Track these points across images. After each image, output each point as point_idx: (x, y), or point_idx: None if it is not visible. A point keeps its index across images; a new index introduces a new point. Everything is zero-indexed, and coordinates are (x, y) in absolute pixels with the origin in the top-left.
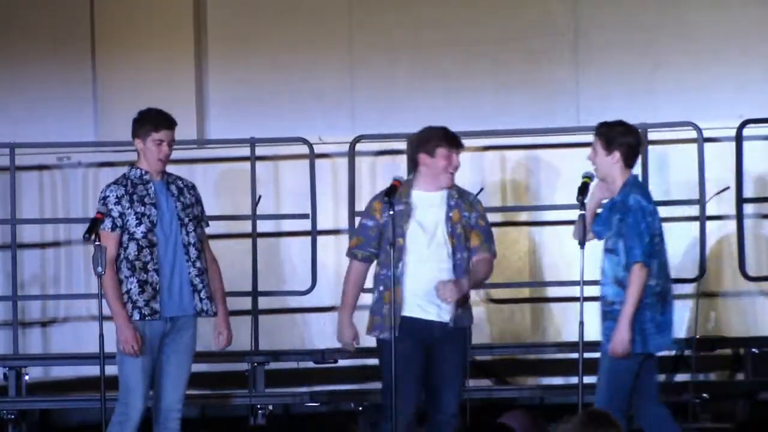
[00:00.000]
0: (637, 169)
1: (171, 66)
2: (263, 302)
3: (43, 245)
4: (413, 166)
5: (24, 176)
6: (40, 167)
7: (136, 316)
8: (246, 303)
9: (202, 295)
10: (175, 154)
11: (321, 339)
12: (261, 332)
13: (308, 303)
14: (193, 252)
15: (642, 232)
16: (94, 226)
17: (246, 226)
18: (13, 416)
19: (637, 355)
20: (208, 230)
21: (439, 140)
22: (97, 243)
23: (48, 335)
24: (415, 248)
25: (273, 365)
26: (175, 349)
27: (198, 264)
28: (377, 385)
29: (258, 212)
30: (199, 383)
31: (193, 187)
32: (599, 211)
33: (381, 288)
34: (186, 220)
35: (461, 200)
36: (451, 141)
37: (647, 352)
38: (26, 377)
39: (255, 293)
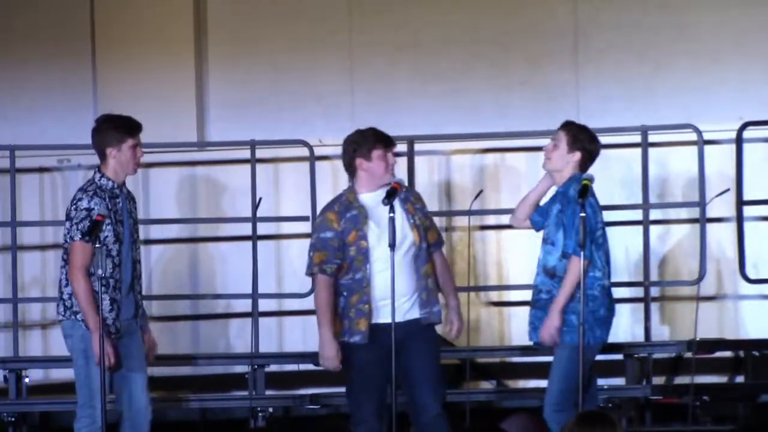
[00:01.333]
0: (637, 172)
1: (171, 68)
2: (263, 304)
3: (43, 247)
4: (351, 172)
5: (24, 178)
6: (41, 169)
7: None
8: (246, 305)
9: (141, 311)
10: (176, 157)
11: None
12: (261, 334)
13: (308, 305)
14: (139, 269)
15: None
16: (94, 229)
17: (246, 229)
18: (13, 418)
19: (591, 346)
20: (208, 232)
21: (373, 143)
22: (97, 245)
23: (48, 337)
24: (379, 246)
25: (273, 367)
26: (132, 356)
27: (141, 281)
28: None
29: (258, 214)
30: (200, 386)
31: (136, 201)
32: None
33: (345, 293)
34: (135, 236)
35: (409, 194)
36: (385, 141)
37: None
38: (26, 379)
39: (255, 295)
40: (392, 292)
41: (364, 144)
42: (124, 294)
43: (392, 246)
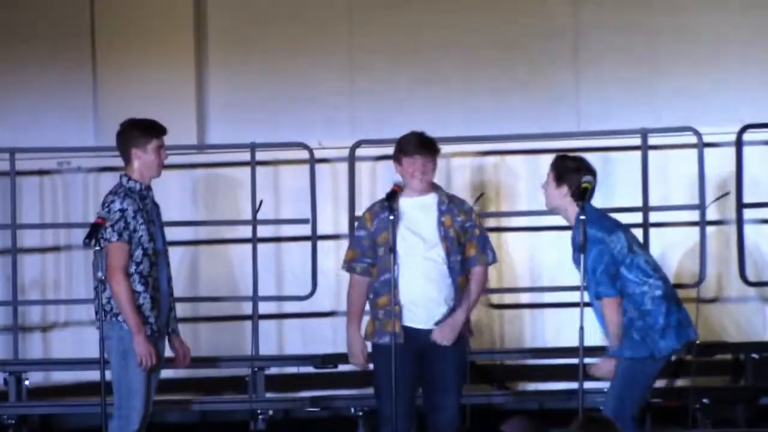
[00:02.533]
0: (637, 174)
1: (171, 71)
2: (263, 307)
3: (43, 250)
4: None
5: (24, 181)
6: (41, 172)
7: (148, 332)
8: (246, 308)
9: (173, 314)
10: (175, 159)
11: (321, 344)
12: (261, 337)
13: (308, 308)
14: (170, 270)
15: (599, 268)
16: (94, 231)
17: (246, 231)
18: (13, 421)
19: (646, 359)
20: (210, 235)
21: (401, 149)
22: (97, 248)
23: (48, 340)
24: (406, 252)
25: (273, 370)
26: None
27: (172, 282)
28: None
29: (258, 217)
30: (200, 388)
31: (158, 204)
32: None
33: (372, 295)
34: (165, 239)
35: (453, 206)
36: (414, 148)
37: (655, 356)
38: (26, 382)
39: (255, 298)
40: (392, 294)
41: (398, 150)
42: (162, 293)
43: (392, 249)
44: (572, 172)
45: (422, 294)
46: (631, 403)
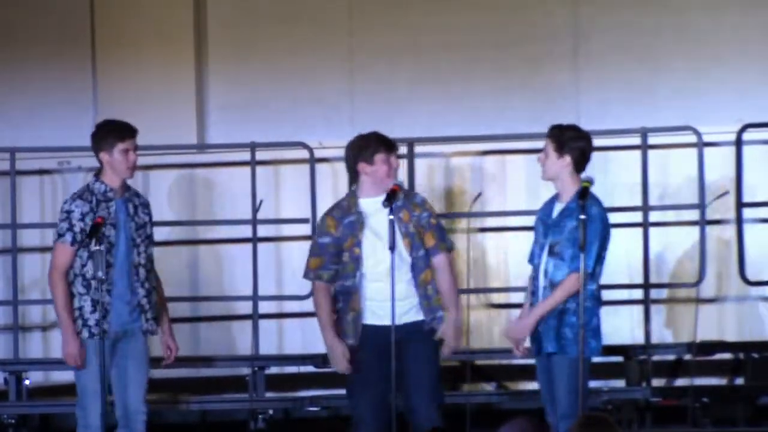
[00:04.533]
0: (637, 174)
1: (171, 70)
2: (264, 306)
3: (43, 249)
4: (354, 176)
5: (24, 181)
6: (41, 172)
7: (86, 334)
8: (246, 307)
9: (148, 315)
10: (176, 159)
11: (321, 343)
12: (261, 336)
13: (308, 307)
14: (142, 273)
15: (595, 244)
16: (94, 231)
17: (246, 231)
18: (13, 421)
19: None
20: (216, 234)
21: (375, 147)
22: (96, 247)
23: (48, 340)
24: (372, 254)
25: (273, 370)
26: (131, 356)
27: (146, 285)
28: None
29: (258, 217)
30: (200, 388)
31: (147, 206)
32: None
33: (341, 299)
34: (138, 240)
35: (407, 201)
36: (387, 145)
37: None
38: (27, 382)
39: (255, 298)
40: (392, 294)
41: (367, 148)
42: (116, 297)
43: (392, 248)
44: (572, 140)
45: (388, 295)
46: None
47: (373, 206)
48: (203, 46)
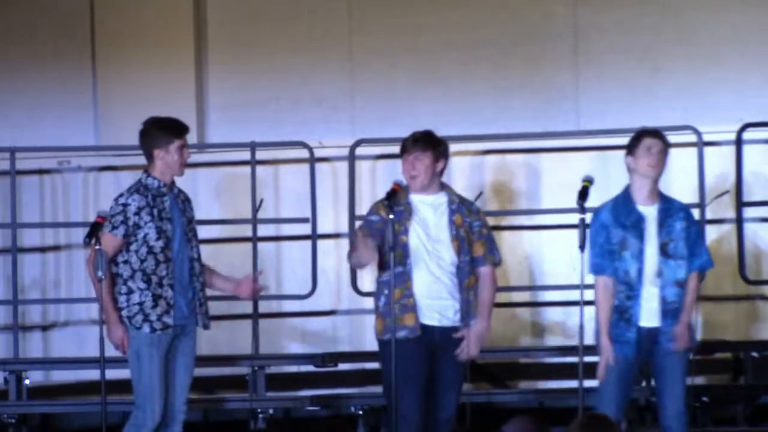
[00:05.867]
0: None
1: (171, 70)
2: (264, 306)
3: (43, 249)
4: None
5: (24, 180)
6: (41, 171)
7: (147, 329)
8: (247, 307)
9: (203, 309)
10: None
11: (321, 343)
12: (261, 336)
13: (308, 307)
14: (197, 267)
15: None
16: (94, 230)
17: (246, 230)
18: (13, 420)
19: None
20: (210, 234)
21: (402, 149)
22: (97, 247)
23: (48, 339)
24: (418, 245)
25: (273, 369)
26: (183, 353)
27: (201, 278)
28: (378, 388)
29: (258, 216)
30: (200, 387)
31: (190, 201)
32: None
33: (386, 291)
34: (190, 235)
35: (462, 206)
36: (402, 148)
37: None
38: (27, 381)
39: (255, 297)
40: (391, 293)
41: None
42: (178, 291)
43: (391, 249)
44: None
45: (432, 292)
46: None
47: (422, 202)
48: (203, 46)
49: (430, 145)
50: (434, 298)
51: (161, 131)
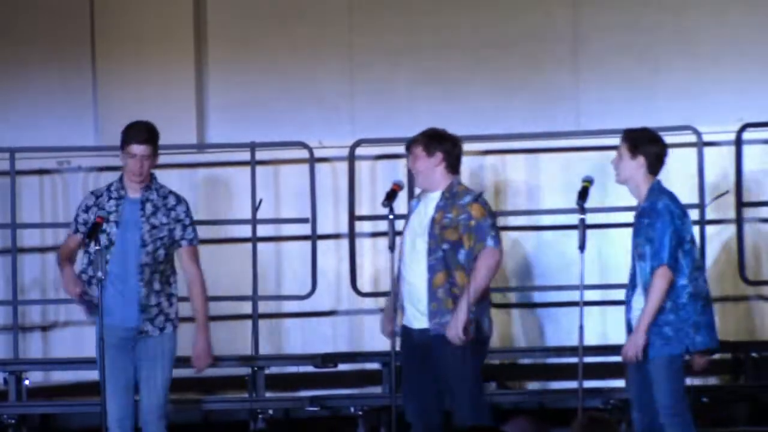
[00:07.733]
0: None
1: (171, 70)
2: (263, 306)
3: (43, 249)
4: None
5: (24, 181)
6: (41, 172)
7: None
8: (246, 307)
9: (150, 314)
10: (176, 159)
11: (321, 343)
12: (261, 336)
13: (308, 307)
14: (146, 273)
15: (670, 237)
16: (94, 231)
17: (246, 231)
18: (13, 421)
19: (680, 355)
20: (210, 234)
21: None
22: (97, 247)
23: (48, 339)
24: (404, 249)
25: (273, 369)
26: (144, 357)
27: (155, 285)
28: (377, 389)
29: (258, 216)
30: (200, 388)
31: (174, 208)
32: None
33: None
34: (148, 240)
35: (450, 201)
36: (406, 147)
37: (689, 351)
38: (26, 382)
39: (255, 297)
40: (392, 293)
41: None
42: (115, 294)
43: (391, 248)
44: (647, 142)
45: (410, 295)
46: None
47: (425, 200)
48: (203, 46)
49: (426, 143)
50: (410, 300)
51: (123, 134)
